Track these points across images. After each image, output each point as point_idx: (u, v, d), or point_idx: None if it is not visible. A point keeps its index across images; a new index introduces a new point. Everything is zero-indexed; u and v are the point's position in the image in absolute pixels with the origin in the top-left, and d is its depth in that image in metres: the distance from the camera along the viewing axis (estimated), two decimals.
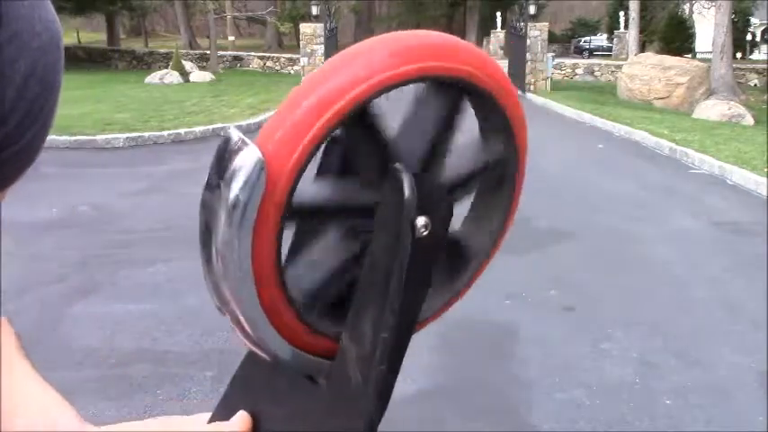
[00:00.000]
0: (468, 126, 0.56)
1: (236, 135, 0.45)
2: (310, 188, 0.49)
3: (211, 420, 0.58)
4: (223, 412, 0.57)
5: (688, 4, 33.30)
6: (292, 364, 0.51)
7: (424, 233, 0.47)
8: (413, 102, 0.52)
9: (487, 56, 0.53)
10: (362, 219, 0.50)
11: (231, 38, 33.24)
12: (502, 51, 32.17)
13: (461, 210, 0.59)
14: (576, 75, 26.12)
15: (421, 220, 0.47)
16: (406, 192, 0.46)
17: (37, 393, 0.58)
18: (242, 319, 0.47)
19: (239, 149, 0.44)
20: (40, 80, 0.42)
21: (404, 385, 3.21)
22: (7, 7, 0.41)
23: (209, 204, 0.46)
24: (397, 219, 0.47)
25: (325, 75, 0.47)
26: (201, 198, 0.46)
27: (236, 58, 27.83)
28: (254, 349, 0.50)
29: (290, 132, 0.45)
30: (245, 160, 0.43)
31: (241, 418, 0.56)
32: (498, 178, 0.58)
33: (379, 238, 0.48)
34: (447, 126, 0.53)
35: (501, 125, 0.56)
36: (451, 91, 0.51)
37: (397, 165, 0.47)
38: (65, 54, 0.47)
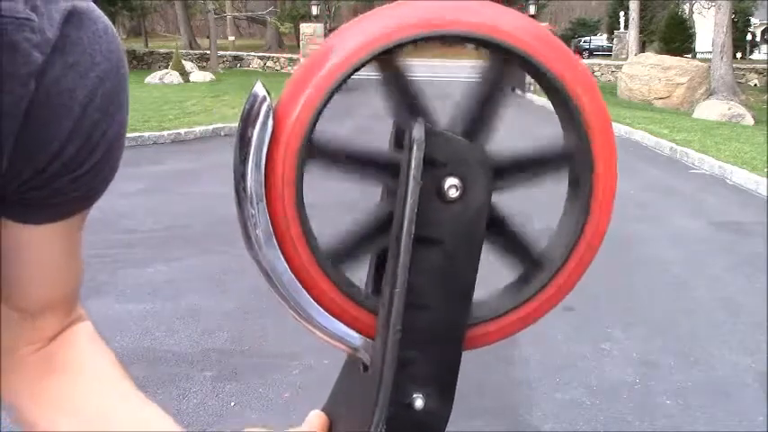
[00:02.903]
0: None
1: (260, 91, 0.48)
2: (339, 137, 0.50)
3: None
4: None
5: (688, 4, 33.31)
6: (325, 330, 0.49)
7: (455, 195, 0.44)
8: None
9: (548, 32, 0.51)
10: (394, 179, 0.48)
11: (231, 38, 33.24)
12: None
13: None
14: None
15: (451, 180, 0.44)
16: (416, 134, 0.43)
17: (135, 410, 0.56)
18: (270, 272, 0.48)
19: (259, 101, 0.47)
20: (98, 108, 0.42)
21: None
22: (68, 38, 0.41)
23: (240, 140, 0.48)
24: (406, 167, 0.43)
25: (342, 32, 0.49)
26: (236, 136, 0.49)
27: (237, 58, 27.82)
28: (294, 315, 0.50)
29: (297, 82, 0.48)
30: (259, 107, 0.47)
31: (314, 418, 0.55)
32: (571, 178, 0.53)
33: (398, 194, 0.45)
34: (488, 95, 0.50)
35: (569, 114, 0.51)
36: (497, 58, 0.49)
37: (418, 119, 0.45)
38: None
